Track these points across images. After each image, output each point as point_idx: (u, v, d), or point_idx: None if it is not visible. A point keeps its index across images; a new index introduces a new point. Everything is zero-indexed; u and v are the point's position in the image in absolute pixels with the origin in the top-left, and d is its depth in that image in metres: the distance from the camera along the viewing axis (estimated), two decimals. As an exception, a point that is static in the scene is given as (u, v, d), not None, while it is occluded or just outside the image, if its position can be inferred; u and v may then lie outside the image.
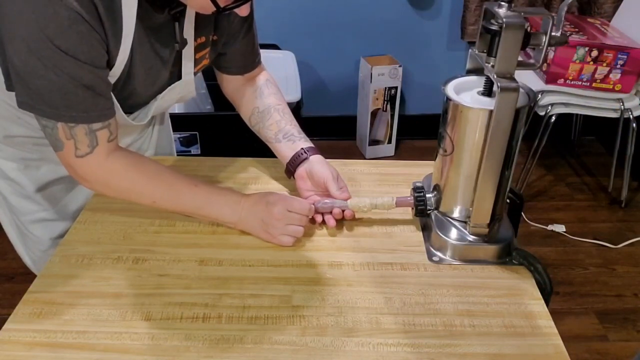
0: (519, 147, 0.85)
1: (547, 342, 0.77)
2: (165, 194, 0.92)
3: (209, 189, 0.95)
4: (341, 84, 2.74)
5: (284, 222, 0.92)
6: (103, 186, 0.91)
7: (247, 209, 0.94)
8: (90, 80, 0.79)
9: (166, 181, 0.92)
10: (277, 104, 1.07)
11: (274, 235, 0.93)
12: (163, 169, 0.93)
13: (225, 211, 0.94)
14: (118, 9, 0.79)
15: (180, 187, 0.92)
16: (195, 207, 0.94)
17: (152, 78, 0.93)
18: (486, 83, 0.84)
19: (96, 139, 0.84)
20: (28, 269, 1.21)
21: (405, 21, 2.58)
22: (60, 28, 0.74)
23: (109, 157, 0.87)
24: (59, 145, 0.84)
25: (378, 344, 0.76)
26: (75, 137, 0.83)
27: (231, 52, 1.05)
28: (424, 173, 1.05)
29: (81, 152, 0.84)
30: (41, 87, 0.78)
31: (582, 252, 2.14)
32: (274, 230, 0.93)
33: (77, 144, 0.83)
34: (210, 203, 0.94)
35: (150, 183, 0.91)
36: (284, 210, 0.92)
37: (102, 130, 0.84)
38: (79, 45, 0.76)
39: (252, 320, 0.80)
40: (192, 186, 0.93)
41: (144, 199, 0.92)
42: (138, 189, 0.91)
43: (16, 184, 1.08)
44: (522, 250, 0.89)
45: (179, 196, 0.92)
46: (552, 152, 2.68)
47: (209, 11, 0.80)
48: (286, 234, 0.93)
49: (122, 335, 0.77)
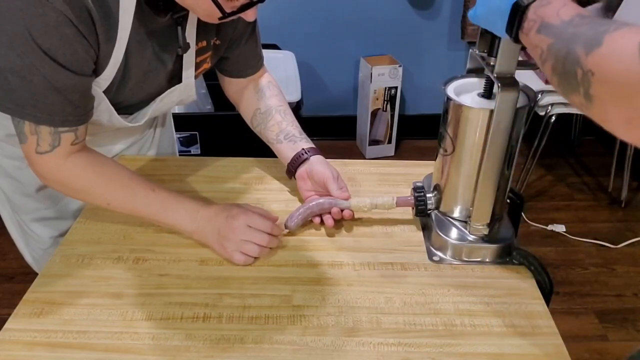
0: (519, 147, 0.85)
1: (547, 342, 0.77)
2: (120, 196, 0.90)
3: (167, 195, 0.91)
4: (341, 84, 2.74)
5: (240, 237, 0.88)
6: (59, 185, 0.90)
7: (206, 219, 0.90)
8: (63, 84, 0.79)
9: (123, 183, 0.90)
10: (278, 105, 1.07)
11: (227, 250, 0.88)
12: (123, 171, 0.91)
13: (182, 219, 0.90)
14: (114, 13, 0.79)
15: (136, 190, 0.89)
16: (151, 212, 0.90)
17: (150, 81, 0.93)
18: (486, 83, 0.84)
19: (59, 139, 0.84)
20: (28, 269, 1.21)
21: (405, 21, 2.58)
22: (46, 28, 0.74)
23: (69, 157, 0.86)
24: (22, 138, 0.84)
25: (378, 344, 0.76)
26: (39, 134, 0.82)
27: (234, 56, 1.05)
28: (424, 173, 1.05)
29: (41, 149, 0.84)
30: (13, 83, 0.78)
31: (582, 252, 2.14)
32: (228, 244, 0.88)
33: (39, 140, 0.83)
34: (166, 209, 0.90)
35: (105, 184, 0.89)
36: (243, 224, 0.88)
37: (67, 133, 0.84)
38: (61, 48, 0.76)
39: (252, 320, 0.80)
40: (149, 191, 0.89)
41: (99, 200, 0.90)
42: (93, 190, 0.89)
43: (18, 182, 1.09)
44: (523, 250, 0.89)
45: (135, 200, 0.89)
46: (552, 152, 2.68)
47: (214, 18, 0.79)
48: (239, 251, 0.88)
49: (122, 335, 0.77)
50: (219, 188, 1.08)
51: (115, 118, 0.95)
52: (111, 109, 0.92)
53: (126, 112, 0.98)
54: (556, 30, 0.57)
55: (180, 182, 1.09)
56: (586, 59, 0.50)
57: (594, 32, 0.51)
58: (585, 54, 0.51)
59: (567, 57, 0.54)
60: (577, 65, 0.52)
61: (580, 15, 0.56)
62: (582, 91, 0.52)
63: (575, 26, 0.55)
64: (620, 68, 0.47)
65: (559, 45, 0.56)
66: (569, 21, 0.56)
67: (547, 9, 0.61)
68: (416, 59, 2.67)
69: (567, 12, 0.58)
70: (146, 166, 1.14)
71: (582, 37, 0.52)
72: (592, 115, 0.52)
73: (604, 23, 0.52)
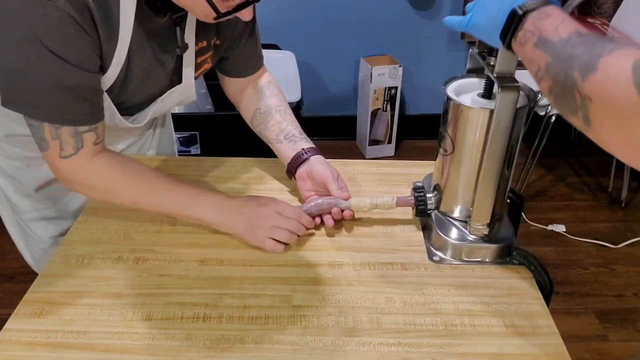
0: (519, 147, 0.85)
1: (547, 342, 0.77)
2: (146, 194, 0.90)
3: (191, 189, 0.92)
4: (341, 84, 2.74)
5: (271, 224, 0.90)
6: (85, 187, 0.90)
7: (233, 211, 0.91)
8: (74, 82, 0.79)
9: (148, 182, 0.91)
10: (278, 105, 1.07)
11: (258, 237, 0.90)
12: (145, 169, 0.92)
13: (208, 212, 0.91)
14: (115, 13, 0.79)
15: (162, 188, 0.91)
16: (178, 207, 0.91)
17: (150, 82, 0.93)
18: (486, 84, 0.84)
19: (82, 141, 0.84)
20: (28, 269, 1.21)
21: (405, 21, 2.58)
22: (50, 28, 0.74)
23: (92, 158, 0.86)
24: (44, 145, 0.83)
25: (379, 344, 0.76)
26: (60, 137, 0.82)
27: (234, 56, 1.05)
28: (424, 173, 1.05)
29: (65, 153, 0.84)
30: (25, 86, 0.78)
31: (582, 252, 2.14)
32: (260, 231, 0.89)
33: (62, 144, 0.83)
34: (192, 204, 0.91)
35: (131, 184, 0.90)
36: (273, 211, 0.90)
37: (88, 133, 0.84)
38: (67, 47, 0.76)
39: (252, 320, 0.80)
40: (175, 186, 0.91)
41: (126, 200, 0.91)
42: (119, 190, 0.90)
43: (17, 182, 1.09)
44: (523, 250, 0.89)
45: (161, 197, 0.91)
46: (552, 152, 2.67)
47: (210, 18, 0.79)
48: (271, 238, 0.90)
49: (122, 335, 0.77)
50: (219, 188, 1.08)
51: (117, 118, 0.95)
52: (113, 109, 0.92)
53: (128, 112, 0.98)
54: (554, 48, 0.57)
55: (180, 182, 1.09)
56: (583, 84, 0.51)
57: (589, 56, 0.51)
58: (581, 79, 0.51)
59: (565, 81, 0.54)
60: (575, 89, 0.52)
61: (578, 33, 0.56)
62: (581, 115, 0.52)
63: (573, 46, 0.55)
64: (615, 93, 0.47)
65: (557, 67, 0.56)
66: (567, 39, 0.56)
67: (545, 22, 0.61)
68: (416, 59, 2.67)
69: (566, 28, 0.58)
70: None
71: (578, 62, 0.52)
72: (591, 137, 0.53)
73: (599, 44, 0.52)
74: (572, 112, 0.53)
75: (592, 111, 0.50)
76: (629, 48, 0.48)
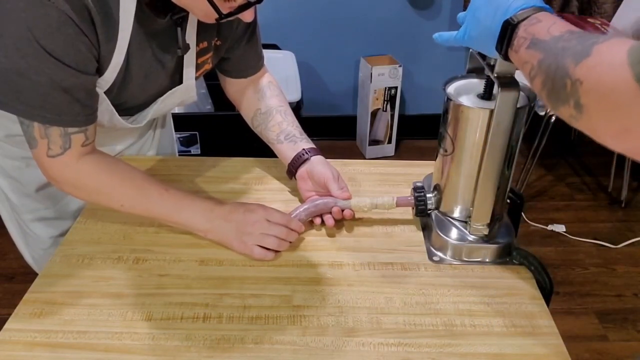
0: (519, 147, 0.85)
1: (547, 342, 0.77)
2: (134, 197, 0.89)
3: (180, 195, 0.91)
4: (341, 84, 2.74)
5: (259, 231, 0.89)
6: (72, 187, 0.89)
7: (221, 217, 0.90)
8: (70, 84, 0.79)
9: (136, 185, 0.89)
10: (279, 106, 1.07)
11: (247, 245, 0.89)
12: (135, 172, 0.90)
13: (196, 219, 0.90)
14: (115, 14, 0.79)
15: (150, 191, 0.89)
16: (164, 213, 0.90)
17: (151, 82, 0.93)
18: (486, 84, 0.84)
19: (70, 141, 0.84)
20: (28, 269, 1.21)
21: (405, 21, 2.58)
22: (49, 29, 0.74)
23: (81, 159, 0.86)
24: (33, 143, 0.83)
25: (379, 344, 0.76)
26: (49, 137, 0.82)
27: (235, 57, 1.05)
28: (424, 173, 1.05)
29: (53, 152, 0.84)
30: (20, 85, 0.78)
31: (582, 252, 2.14)
32: (248, 238, 0.88)
33: (50, 144, 0.83)
34: (180, 210, 0.90)
35: (119, 186, 0.89)
36: (262, 218, 0.89)
37: (77, 134, 0.84)
38: (65, 48, 0.76)
39: (252, 320, 0.80)
40: (163, 191, 0.89)
41: (112, 202, 0.89)
42: (106, 191, 0.89)
43: (17, 182, 1.09)
44: (523, 250, 0.89)
45: (148, 200, 0.89)
46: (552, 152, 2.67)
47: (212, 19, 0.79)
48: (260, 245, 0.89)
49: (122, 335, 0.77)
50: (219, 188, 1.08)
51: (117, 119, 0.95)
52: (112, 110, 0.92)
53: (127, 113, 0.98)
54: (546, 46, 0.58)
55: (180, 183, 1.09)
56: (575, 70, 0.51)
57: (582, 45, 0.51)
58: (574, 65, 0.51)
59: (556, 71, 0.54)
60: (566, 77, 0.52)
61: (571, 31, 0.56)
62: (572, 102, 0.52)
63: (566, 41, 0.55)
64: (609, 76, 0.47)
65: (549, 61, 0.56)
66: (559, 36, 0.56)
67: (537, 26, 0.61)
68: (416, 59, 2.67)
69: (558, 28, 0.58)
70: (146, 166, 1.14)
71: (572, 50, 0.52)
72: (581, 126, 0.52)
73: (593, 36, 0.52)
74: (563, 102, 0.53)
75: (583, 95, 0.50)
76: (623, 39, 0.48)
